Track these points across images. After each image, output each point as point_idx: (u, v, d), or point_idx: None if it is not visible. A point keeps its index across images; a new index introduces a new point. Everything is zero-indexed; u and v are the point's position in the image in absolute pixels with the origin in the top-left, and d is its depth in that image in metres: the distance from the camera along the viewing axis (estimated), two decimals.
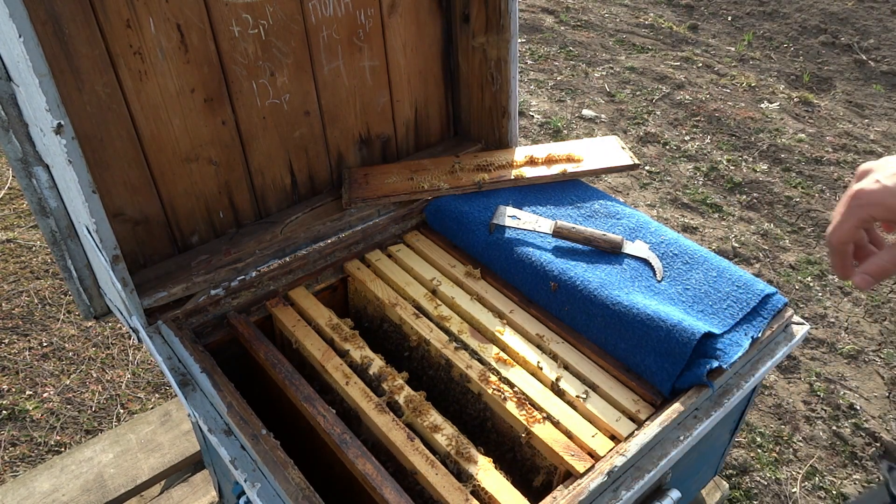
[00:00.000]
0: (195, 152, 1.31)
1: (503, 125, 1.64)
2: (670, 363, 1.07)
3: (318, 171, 1.53)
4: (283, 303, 1.30)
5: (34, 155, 1.10)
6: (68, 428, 2.11)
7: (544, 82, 4.04)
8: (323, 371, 1.17)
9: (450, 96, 1.71)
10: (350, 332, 1.23)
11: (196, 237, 1.38)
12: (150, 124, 1.24)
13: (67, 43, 1.09)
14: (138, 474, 1.68)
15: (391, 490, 0.95)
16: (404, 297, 1.32)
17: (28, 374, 2.27)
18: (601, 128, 3.59)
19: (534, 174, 1.51)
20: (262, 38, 1.31)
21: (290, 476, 0.95)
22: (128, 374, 2.29)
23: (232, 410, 1.04)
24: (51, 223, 1.17)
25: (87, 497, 1.63)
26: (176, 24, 1.20)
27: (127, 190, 1.26)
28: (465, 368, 1.15)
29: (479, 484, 0.97)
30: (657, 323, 1.11)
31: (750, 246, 2.76)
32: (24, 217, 2.95)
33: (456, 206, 1.45)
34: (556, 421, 1.06)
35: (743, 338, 1.12)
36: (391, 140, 1.64)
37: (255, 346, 1.20)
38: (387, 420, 1.06)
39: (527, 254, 1.30)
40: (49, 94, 0.93)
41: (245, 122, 1.36)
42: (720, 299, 1.18)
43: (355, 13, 1.42)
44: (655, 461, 0.99)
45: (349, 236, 1.42)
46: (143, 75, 1.19)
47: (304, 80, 1.41)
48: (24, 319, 2.47)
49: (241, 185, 1.41)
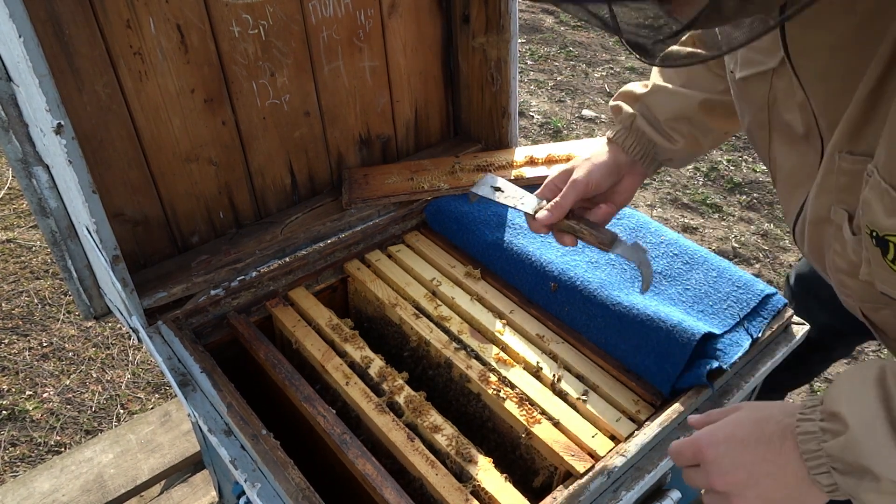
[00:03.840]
0: (195, 152, 1.31)
1: (503, 125, 1.64)
2: (670, 363, 1.07)
3: (318, 171, 1.53)
4: (283, 303, 1.30)
5: (34, 155, 1.10)
6: (68, 428, 2.11)
7: (544, 82, 4.04)
8: (323, 371, 1.17)
9: (450, 96, 1.71)
10: (350, 332, 1.23)
11: (196, 237, 1.38)
12: (150, 124, 1.24)
13: (67, 43, 1.09)
14: (138, 474, 1.68)
15: (391, 490, 0.95)
16: (404, 297, 1.32)
17: (28, 374, 2.27)
18: (601, 128, 3.59)
19: (534, 174, 1.51)
20: (262, 39, 1.31)
21: (290, 476, 0.95)
22: (128, 375, 2.29)
23: (232, 410, 1.04)
24: (51, 223, 1.17)
25: (87, 497, 1.63)
26: (176, 24, 1.20)
27: (127, 190, 1.26)
28: (465, 369, 1.15)
29: (479, 484, 0.97)
30: (657, 323, 1.11)
31: (750, 246, 2.76)
32: (24, 217, 2.95)
33: (456, 206, 1.45)
34: (556, 421, 1.06)
35: (743, 338, 1.12)
36: (391, 140, 1.64)
37: (255, 347, 1.20)
38: (387, 420, 1.06)
39: (527, 254, 1.30)
40: (49, 94, 0.93)
41: (245, 123, 1.36)
42: (720, 300, 1.18)
43: (355, 13, 1.42)
44: (655, 461, 0.99)
45: (349, 236, 1.42)
46: (143, 75, 1.19)
47: (304, 80, 1.41)
48: (24, 319, 2.47)
49: (241, 186, 1.41)
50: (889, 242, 0.59)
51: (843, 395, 0.63)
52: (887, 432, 0.58)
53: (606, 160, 1.02)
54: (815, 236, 0.76)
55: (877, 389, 0.60)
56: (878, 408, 0.59)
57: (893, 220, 0.57)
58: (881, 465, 0.58)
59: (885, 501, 0.60)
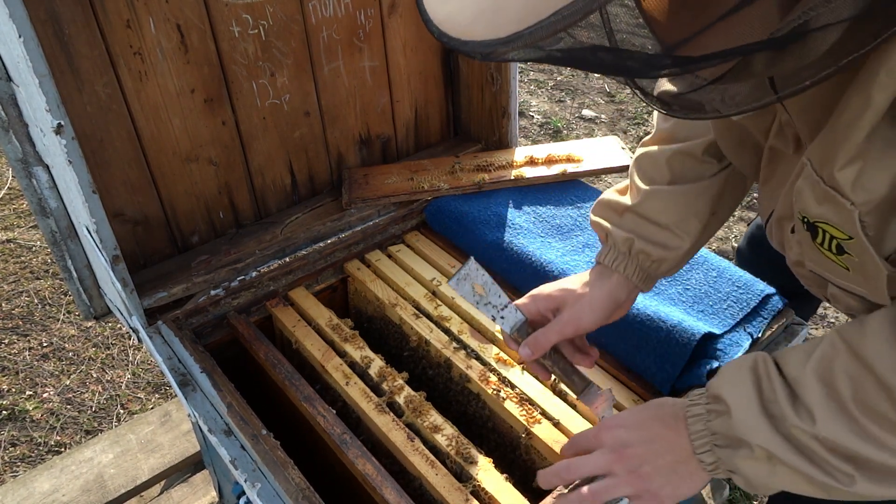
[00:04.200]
0: (195, 152, 1.31)
1: (503, 125, 1.64)
2: (670, 363, 1.07)
3: (318, 171, 1.53)
4: (283, 303, 1.30)
5: (34, 155, 1.10)
6: (68, 428, 2.11)
7: (544, 82, 4.04)
8: (323, 371, 1.17)
9: (450, 96, 1.71)
10: (350, 332, 1.23)
11: (196, 237, 1.39)
12: (150, 124, 1.24)
13: (67, 43, 1.09)
14: (138, 474, 1.68)
15: (391, 490, 0.95)
16: (404, 297, 1.32)
17: (28, 374, 2.27)
18: (601, 128, 3.59)
19: (534, 174, 1.51)
20: (262, 39, 1.31)
21: (290, 476, 0.95)
22: (128, 375, 2.29)
23: (232, 410, 1.04)
24: (51, 223, 1.17)
25: (87, 497, 1.63)
26: (176, 24, 1.20)
27: (127, 190, 1.26)
28: (465, 368, 1.15)
29: (479, 484, 0.97)
30: (657, 323, 1.11)
31: None
32: (24, 217, 2.95)
33: (456, 206, 1.45)
34: (556, 421, 1.06)
35: (743, 338, 1.12)
36: (391, 140, 1.64)
37: (255, 347, 1.20)
38: (387, 420, 1.06)
39: (527, 254, 1.30)
40: (49, 94, 0.93)
41: (245, 123, 1.36)
42: (720, 300, 1.18)
43: (355, 13, 1.42)
44: None
45: (349, 236, 1.42)
46: (143, 75, 1.19)
47: (304, 80, 1.41)
48: (24, 319, 2.47)
49: (241, 186, 1.41)
50: (818, 228, 0.66)
51: (725, 381, 0.75)
52: (758, 410, 0.71)
53: (602, 299, 0.93)
54: (778, 231, 0.81)
55: (751, 375, 0.73)
56: (752, 390, 0.72)
57: (822, 208, 0.64)
58: (753, 436, 0.70)
59: (757, 465, 0.72)
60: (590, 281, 0.96)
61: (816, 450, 0.68)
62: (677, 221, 0.93)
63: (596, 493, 0.80)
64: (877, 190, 0.59)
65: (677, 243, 0.94)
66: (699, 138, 0.94)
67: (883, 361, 0.64)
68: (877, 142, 0.57)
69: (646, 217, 0.94)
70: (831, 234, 0.66)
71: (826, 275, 0.73)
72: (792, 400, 0.70)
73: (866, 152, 0.58)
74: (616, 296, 0.94)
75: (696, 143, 0.94)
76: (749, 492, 0.79)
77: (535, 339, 0.91)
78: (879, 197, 0.59)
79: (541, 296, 0.96)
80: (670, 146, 0.96)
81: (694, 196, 0.94)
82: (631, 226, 0.95)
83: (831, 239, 0.66)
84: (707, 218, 0.95)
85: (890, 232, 0.62)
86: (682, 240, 0.94)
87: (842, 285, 0.72)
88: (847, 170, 0.60)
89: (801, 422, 0.68)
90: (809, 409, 0.68)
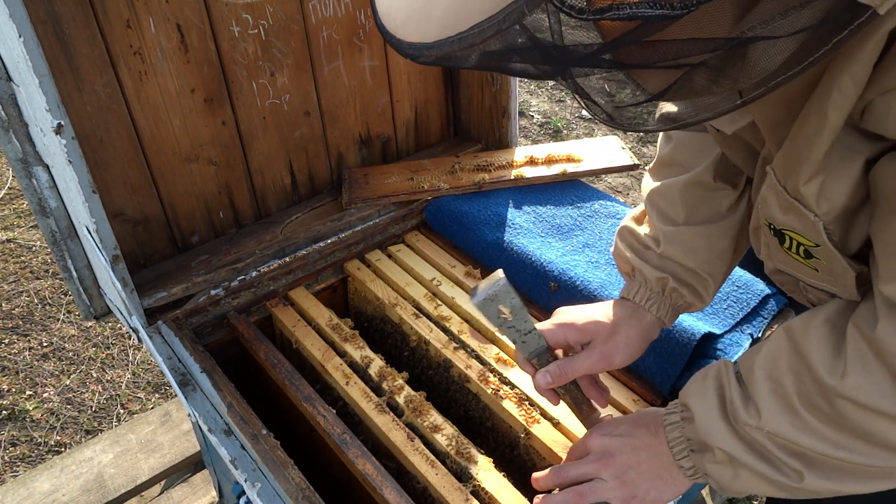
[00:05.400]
0: (195, 152, 1.31)
1: (503, 125, 1.64)
2: (670, 363, 1.07)
3: (318, 171, 1.53)
4: (283, 303, 1.30)
5: (34, 155, 1.10)
6: (68, 428, 2.11)
7: (544, 82, 4.04)
8: (323, 371, 1.17)
9: (450, 96, 1.71)
10: (350, 332, 1.23)
11: (196, 237, 1.39)
12: (150, 124, 1.24)
13: (67, 43, 1.09)
14: (138, 474, 1.68)
15: (391, 490, 0.95)
16: (404, 297, 1.32)
17: (28, 374, 2.27)
18: (601, 128, 3.59)
19: (534, 174, 1.51)
20: (262, 38, 1.31)
21: (290, 476, 0.95)
22: (128, 374, 2.29)
23: (232, 410, 1.04)
24: (51, 223, 1.17)
25: (87, 497, 1.64)
26: (176, 24, 1.20)
27: (127, 190, 1.26)
28: (465, 368, 1.15)
29: (479, 484, 0.97)
30: None
31: None
32: (24, 217, 2.95)
33: (456, 206, 1.45)
34: (556, 421, 1.06)
35: (743, 338, 1.12)
36: (391, 140, 1.64)
37: (255, 347, 1.20)
38: (387, 420, 1.06)
39: (527, 254, 1.30)
40: (49, 94, 0.93)
41: (245, 123, 1.36)
42: (720, 299, 1.18)
43: (355, 13, 1.42)
44: None
45: (349, 236, 1.43)
46: (143, 75, 1.19)
47: (304, 80, 1.41)
48: (24, 319, 2.47)
49: (241, 186, 1.41)
50: (785, 234, 0.69)
51: (691, 390, 0.79)
52: (719, 415, 0.74)
53: (637, 339, 0.91)
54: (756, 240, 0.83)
55: (714, 382, 0.77)
56: (714, 397, 0.75)
57: (787, 216, 0.66)
58: (715, 439, 0.74)
59: (721, 468, 0.75)
60: (620, 318, 0.92)
61: (766, 445, 0.70)
62: (702, 264, 0.92)
63: (582, 493, 0.82)
64: (838, 199, 0.61)
65: (704, 284, 0.93)
66: (702, 161, 0.92)
67: (817, 357, 0.66)
68: (836, 151, 0.59)
69: (672, 259, 0.93)
70: (798, 241, 0.68)
71: (796, 275, 0.75)
72: (744, 399, 0.73)
73: (827, 164, 0.60)
74: (650, 335, 0.93)
75: (704, 167, 0.91)
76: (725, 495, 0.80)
77: (560, 369, 0.88)
78: (841, 206, 0.61)
79: (570, 326, 0.92)
80: (679, 178, 0.93)
81: (716, 237, 0.92)
82: (659, 263, 0.94)
83: (798, 245, 0.68)
84: (730, 257, 0.94)
85: (854, 235, 0.65)
86: (708, 282, 0.93)
87: (813, 284, 0.74)
88: (811, 184, 0.61)
89: (749, 418, 0.71)
90: (757, 404, 0.71)
